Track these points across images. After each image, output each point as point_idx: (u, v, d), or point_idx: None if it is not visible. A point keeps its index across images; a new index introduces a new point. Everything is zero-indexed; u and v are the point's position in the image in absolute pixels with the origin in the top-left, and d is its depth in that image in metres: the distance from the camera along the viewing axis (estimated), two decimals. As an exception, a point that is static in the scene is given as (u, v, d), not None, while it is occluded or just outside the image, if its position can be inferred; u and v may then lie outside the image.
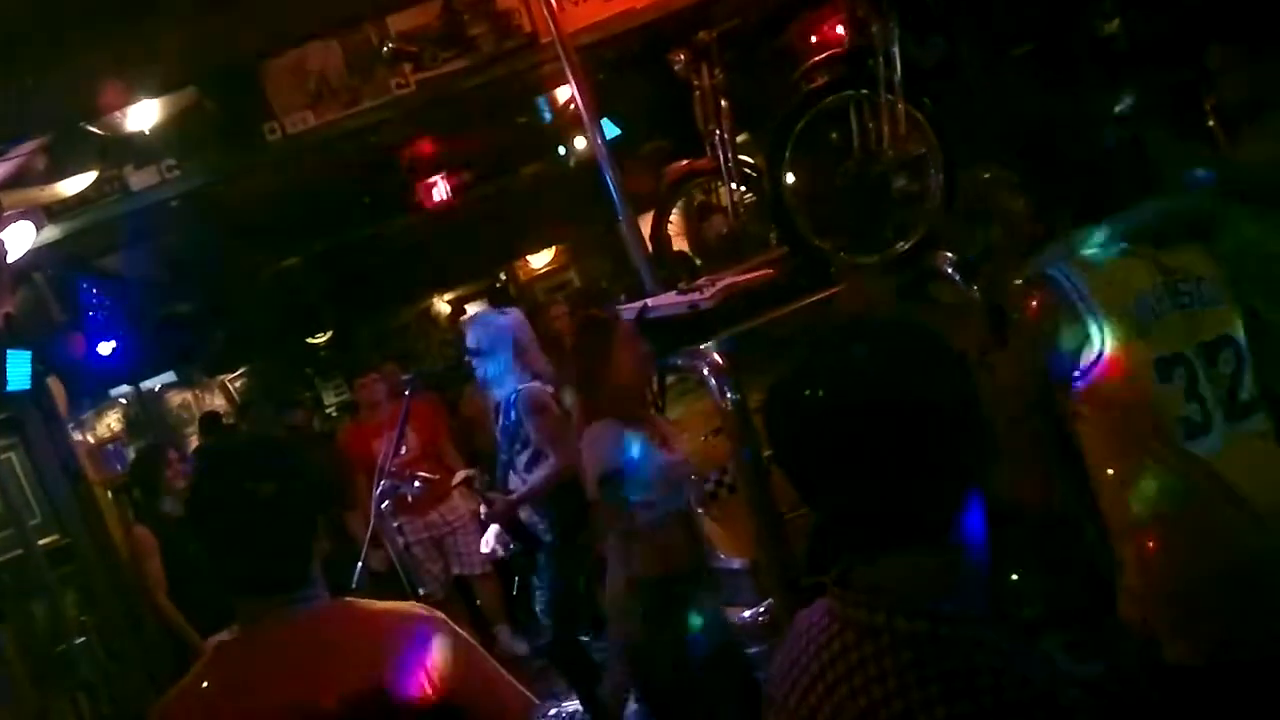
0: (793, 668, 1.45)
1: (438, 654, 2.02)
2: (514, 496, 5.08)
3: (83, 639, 5.33)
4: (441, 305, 13.87)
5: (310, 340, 13.18)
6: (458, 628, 2.12)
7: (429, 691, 1.96)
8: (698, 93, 4.90)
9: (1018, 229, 2.70)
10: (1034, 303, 2.44)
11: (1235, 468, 2.34)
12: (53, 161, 4.84)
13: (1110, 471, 2.40)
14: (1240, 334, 2.46)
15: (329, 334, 13.30)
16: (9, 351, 4.92)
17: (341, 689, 1.92)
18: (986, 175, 3.48)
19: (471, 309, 12.63)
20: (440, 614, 2.14)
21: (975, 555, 1.36)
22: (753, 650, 3.88)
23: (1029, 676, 1.27)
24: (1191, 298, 2.44)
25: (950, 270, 3.57)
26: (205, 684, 2.02)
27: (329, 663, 1.96)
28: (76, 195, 5.25)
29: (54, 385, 6.07)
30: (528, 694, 2.12)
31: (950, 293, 3.56)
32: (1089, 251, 2.44)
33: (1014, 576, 3.16)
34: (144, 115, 5.10)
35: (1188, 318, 2.42)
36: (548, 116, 7.86)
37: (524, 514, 5.16)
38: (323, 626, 2.02)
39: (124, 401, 10.34)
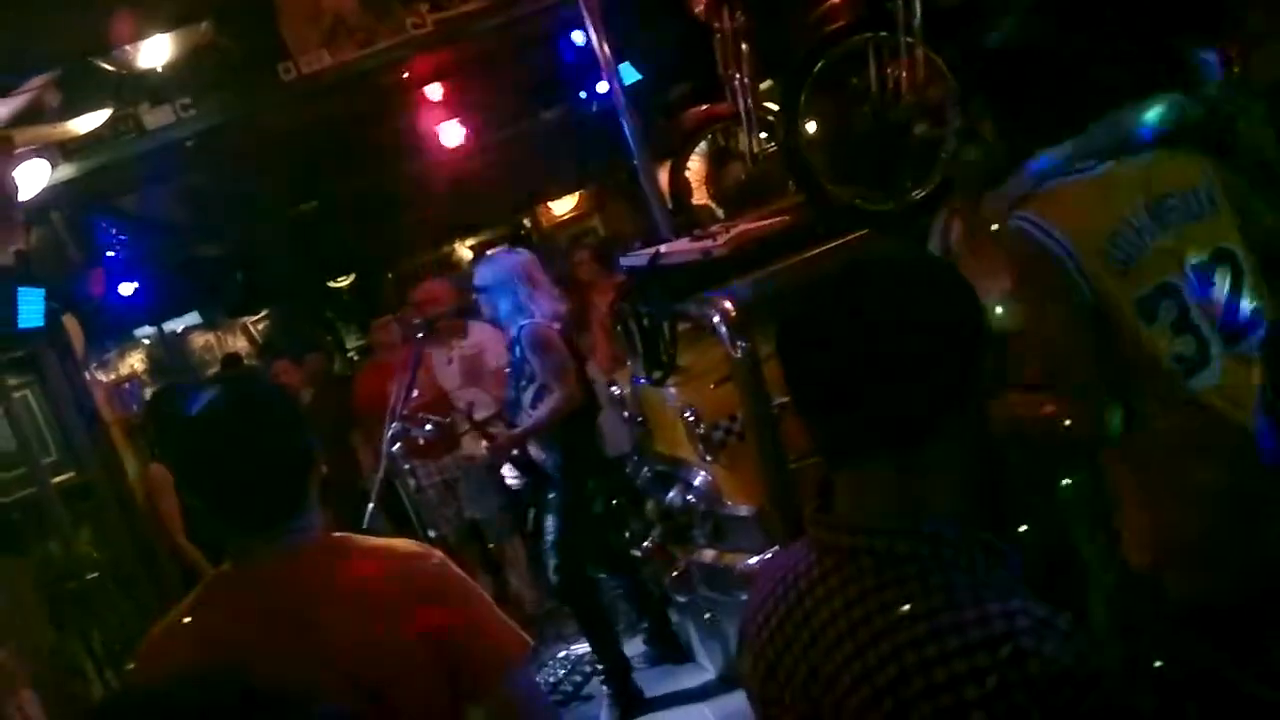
0: (767, 600, 1.43)
1: (433, 592, 2.01)
2: (516, 431, 5.10)
3: (96, 575, 5.37)
4: (463, 250, 13.84)
5: (331, 284, 13.20)
6: (455, 566, 2.11)
7: (423, 629, 1.94)
8: (718, 36, 4.80)
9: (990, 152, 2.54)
10: (1024, 266, 2.32)
11: (1239, 393, 2.20)
12: (66, 99, 4.80)
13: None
14: (1236, 241, 2.30)
15: (351, 278, 13.31)
16: (20, 289, 4.92)
17: (334, 626, 1.91)
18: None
19: (492, 251, 12.60)
20: (437, 552, 2.13)
21: (951, 479, 1.34)
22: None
23: (1007, 596, 1.26)
24: (1181, 213, 2.27)
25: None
26: (191, 619, 2.01)
27: (322, 600, 1.95)
28: (91, 133, 5.22)
29: (70, 324, 6.08)
30: (524, 634, 2.10)
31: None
32: (1058, 180, 2.31)
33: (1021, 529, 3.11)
34: (157, 52, 5.05)
35: (1178, 238, 2.26)
36: (569, 59, 7.76)
37: (534, 451, 5.18)
38: (317, 563, 2.00)
39: (147, 342, 10.40)
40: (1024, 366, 2.34)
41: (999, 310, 2.51)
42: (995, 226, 2.39)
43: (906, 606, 1.26)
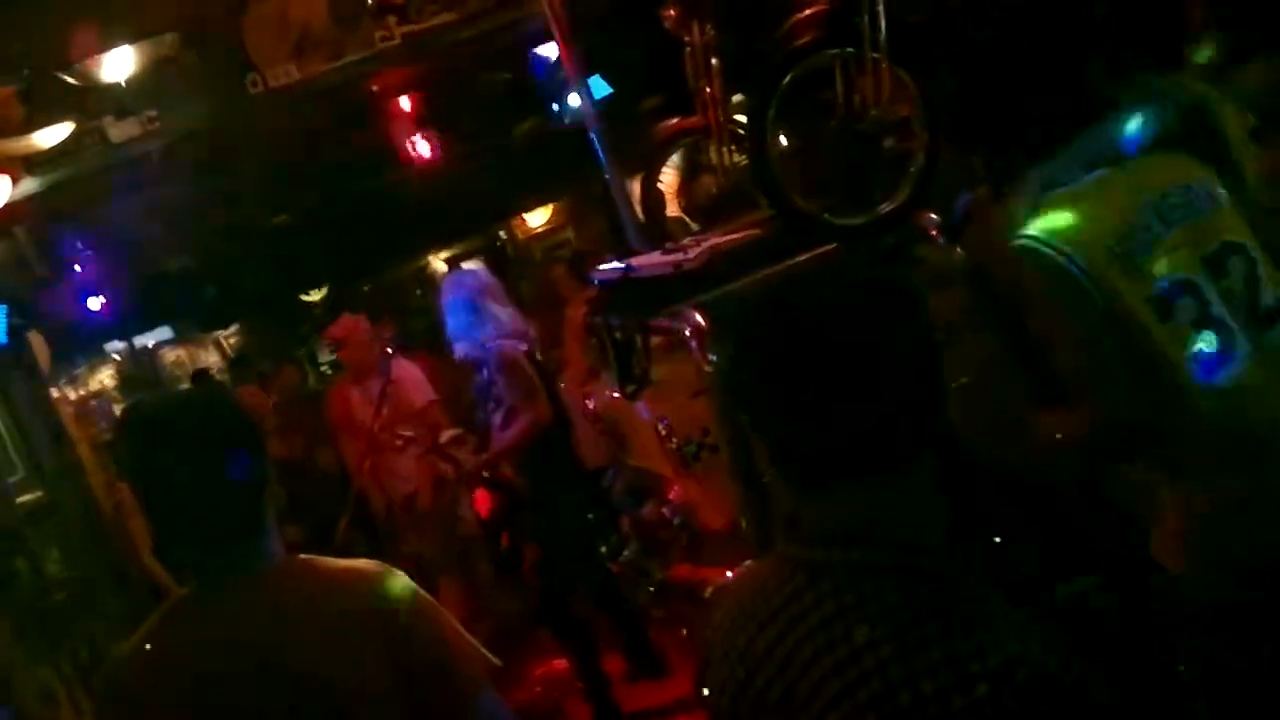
0: (735, 620, 1.42)
1: (398, 614, 1.97)
2: (485, 455, 5.09)
3: (64, 595, 5.31)
4: (438, 263, 13.80)
5: (304, 297, 13.14)
6: (419, 587, 2.08)
7: (389, 652, 1.91)
8: (688, 49, 4.80)
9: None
10: (1033, 286, 2.32)
11: (1268, 386, 2.19)
12: (28, 112, 4.75)
13: None
14: (1244, 235, 2.28)
15: (324, 291, 13.26)
16: (-17, 305, 4.87)
17: (295, 650, 1.89)
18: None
19: (468, 267, 12.58)
20: (401, 573, 2.10)
21: (921, 495, 1.34)
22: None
23: (989, 606, 1.26)
24: (1184, 209, 2.26)
25: (934, 232, 3.49)
26: (151, 645, 1.98)
27: (283, 624, 1.92)
28: (55, 147, 5.17)
29: (35, 340, 6.03)
30: (490, 656, 2.08)
31: (936, 254, 3.49)
32: (1054, 193, 2.31)
33: (996, 540, 3.09)
34: (121, 65, 5.00)
35: (1186, 233, 2.24)
36: (541, 73, 7.74)
37: (506, 471, 5.16)
38: (279, 587, 1.97)
39: (117, 357, 10.33)
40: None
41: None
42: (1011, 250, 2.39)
43: (888, 620, 1.25)
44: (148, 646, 1.98)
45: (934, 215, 3.53)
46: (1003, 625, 1.22)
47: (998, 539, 3.04)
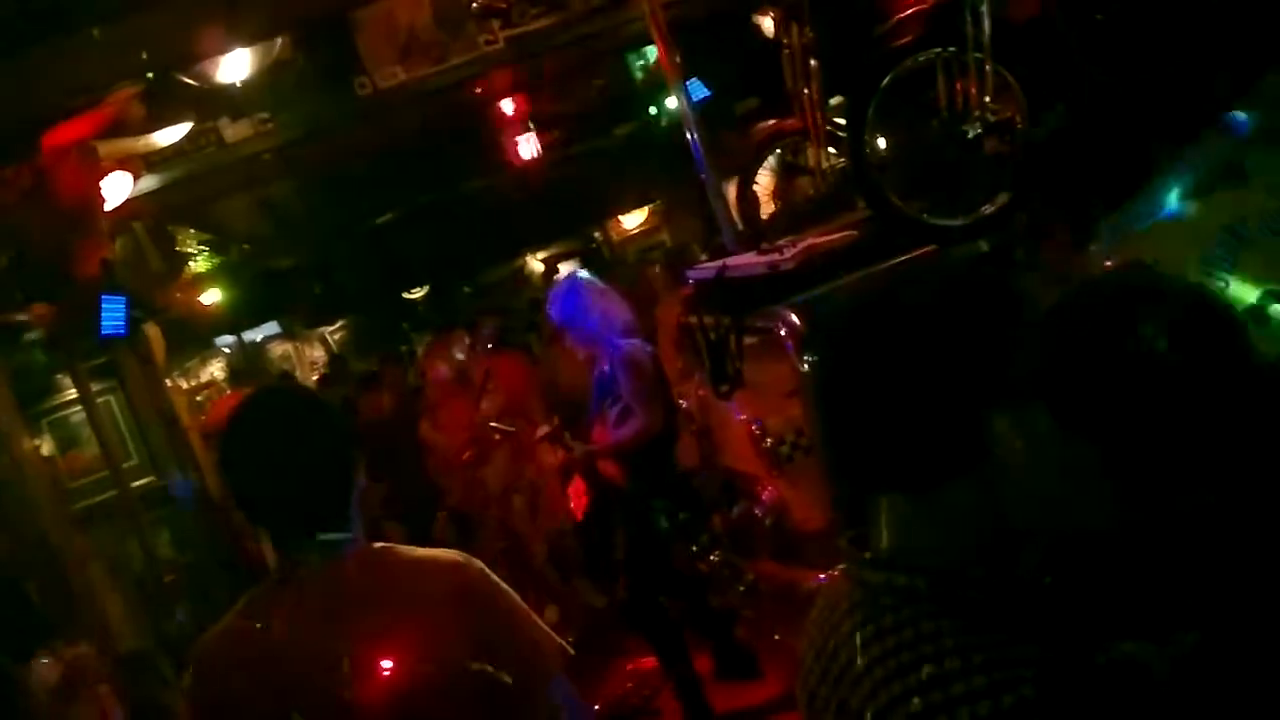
0: (812, 628, 1.43)
1: (472, 601, 2.02)
2: (596, 447, 5.13)
3: (174, 577, 5.50)
4: (535, 264, 13.97)
5: (407, 295, 13.40)
6: (495, 576, 2.12)
7: (463, 638, 1.96)
8: (787, 52, 4.80)
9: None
10: None
11: None
12: (149, 113, 4.94)
13: None
14: None
15: (425, 289, 13.51)
16: (104, 298, 5.07)
17: (373, 635, 1.94)
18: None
19: (564, 268, 12.70)
20: (478, 561, 2.14)
21: (952, 517, 1.28)
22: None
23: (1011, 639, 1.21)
24: (1265, 228, 2.27)
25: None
26: (238, 626, 2.06)
27: (363, 609, 1.97)
28: (172, 146, 5.37)
29: (151, 332, 6.24)
30: (564, 643, 2.11)
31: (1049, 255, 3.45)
32: (1136, 229, 2.32)
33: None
34: (237, 67, 5.18)
35: (1271, 248, 2.25)
36: (639, 76, 7.81)
37: (606, 467, 5.21)
38: (359, 572, 2.02)
39: (227, 351, 10.64)
40: None
41: None
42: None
43: (914, 648, 1.23)
44: (232, 628, 2.06)
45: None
46: (1025, 666, 1.17)
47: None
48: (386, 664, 1.91)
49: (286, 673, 1.93)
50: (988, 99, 3.44)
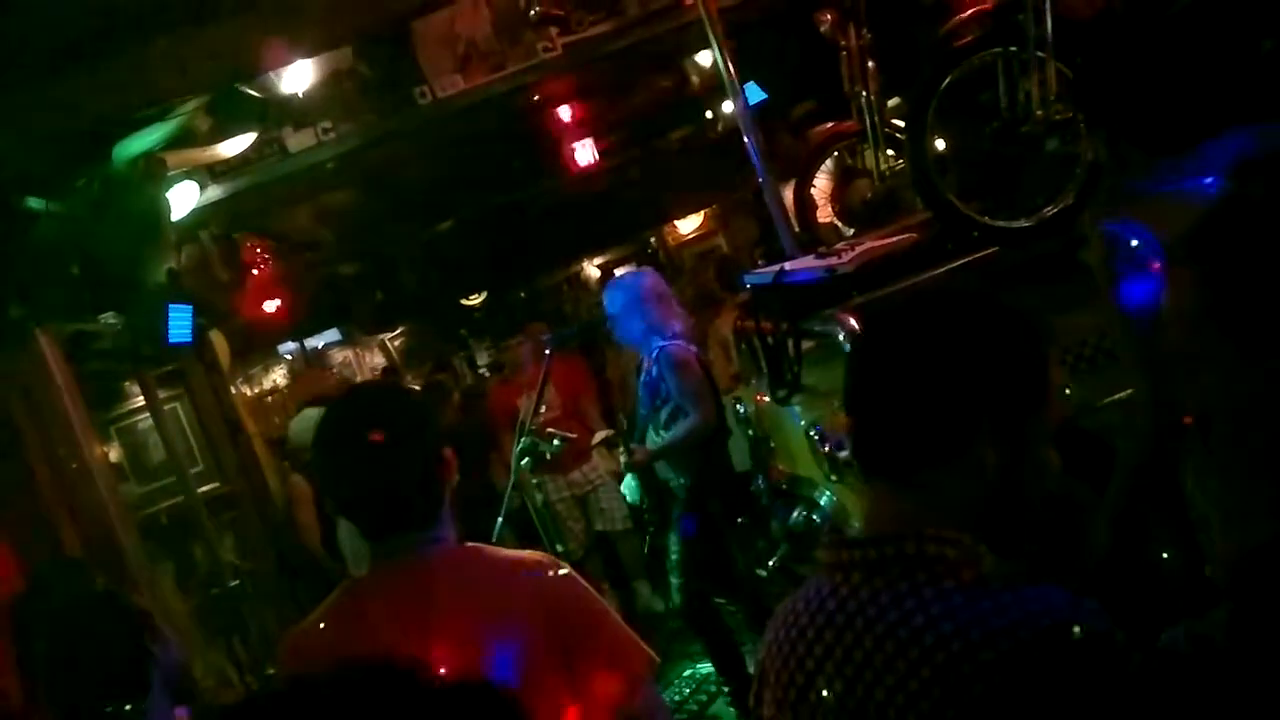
0: (790, 632, 1.47)
1: (561, 604, 2.03)
2: (655, 448, 5.14)
3: (238, 582, 5.59)
4: (591, 269, 14.01)
5: (464, 301, 13.50)
6: (583, 580, 2.13)
7: (549, 640, 1.97)
8: (844, 53, 4.77)
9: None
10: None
11: None
12: (215, 123, 5.03)
13: None
14: None
15: (483, 296, 13.59)
16: (171, 306, 5.16)
17: (463, 634, 1.95)
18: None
19: (620, 273, 12.74)
20: (565, 564, 2.15)
21: (954, 496, 1.37)
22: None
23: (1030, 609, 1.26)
24: None
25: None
26: (325, 623, 2.08)
27: (452, 607, 1.99)
28: (237, 156, 5.45)
29: (217, 339, 6.36)
30: (649, 651, 2.10)
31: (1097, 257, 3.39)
32: (1167, 192, 2.25)
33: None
34: (300, 77, 5.26)
35: None
36: (695, 80, 7.81)
37: (660, 470, 5.21)
38: (448, 570, 2.04)
39: (289, 357, 10.77)
40: None
41: None
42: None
43: (896, 607, 1.31)
44: (322, 625, 2.09)
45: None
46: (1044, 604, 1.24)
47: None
48: (475, 663, 1.91)
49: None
50: (1050, 98, 3.40)
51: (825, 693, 1.36)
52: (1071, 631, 1.21)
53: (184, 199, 5.24)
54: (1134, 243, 2.24)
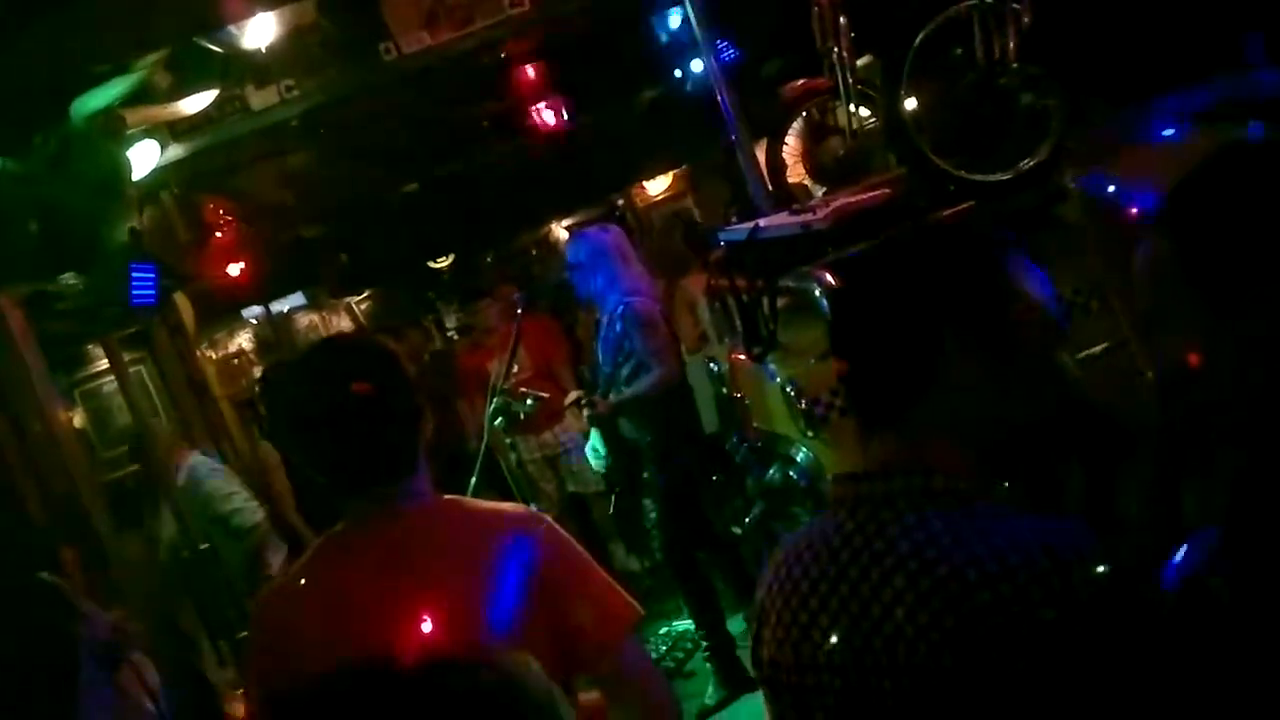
0: (792, 572, 1.45)
1: (546, 557, 2.00)
2: (617, 399, 5.14)
3: (207, 546, 5.53)
4: (560, 231, 13.92)
5: (432, 264, 13.39)
6: (564, 532, 2.10)
7: (534, 593, 1.94)
8: (816, 10, 4.73)
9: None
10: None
11: None
12: (175, 80, 4.92)
13: None
14: None
15: (450, 258, 13.48)
16: (134, 266, 5.06)
17: (444, 588, 1.92)
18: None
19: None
20: (547, 516, 2.13)
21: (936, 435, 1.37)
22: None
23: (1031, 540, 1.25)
24: None
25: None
26: (303, 580, 2.05)
27: (433, 561, 1.96)
28: (199, 114, 5.34)
29: (181, 302, 6.26)
30: (635, 604, 2.08)
31: (1077, 213, 3.39)
32: (1135, 142, 2.25)
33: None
34: (262, 32, 5.14)
35: None
36: (664, 38, 7.72)
37: (626, 428, 5.22)
38: (428, 524, 2.01)
39: (254, 321, 10.66)
40: None
41: None
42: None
43: (907, 539, 1.30)
44: (300, 581, 2.05)
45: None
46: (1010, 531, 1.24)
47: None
48: (458, 616, 1.88)
49: (346, 622, 1.92)
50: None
51: (830, 628, 1.34)
52: (1090, 564, 1.19)
53: (145, 157, 5.13)
54: (1109, 193, 2.23)
